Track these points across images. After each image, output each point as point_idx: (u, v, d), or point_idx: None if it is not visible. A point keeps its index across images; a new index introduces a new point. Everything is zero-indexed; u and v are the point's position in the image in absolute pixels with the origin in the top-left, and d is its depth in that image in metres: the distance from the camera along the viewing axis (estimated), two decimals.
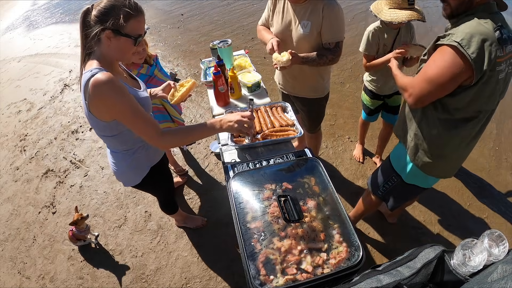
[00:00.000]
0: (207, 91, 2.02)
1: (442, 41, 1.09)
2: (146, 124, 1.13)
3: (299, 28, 1.58)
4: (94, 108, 1.10)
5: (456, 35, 1.03)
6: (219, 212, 2.32)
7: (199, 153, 2.84)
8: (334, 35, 1.59)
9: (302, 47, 1.62)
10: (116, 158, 1.38)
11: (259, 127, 1.47)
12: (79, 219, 2.03)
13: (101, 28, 1.05)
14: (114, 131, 1.21)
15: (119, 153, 1.36)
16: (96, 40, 1.08)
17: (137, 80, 1.38)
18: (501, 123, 3.18)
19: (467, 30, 1.03)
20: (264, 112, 1.57)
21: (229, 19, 5.40)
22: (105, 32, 1.06)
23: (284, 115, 1.55)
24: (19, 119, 3.72)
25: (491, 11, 1.08)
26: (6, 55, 5.51)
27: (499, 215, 2.27)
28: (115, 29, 1.06)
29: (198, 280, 1.95)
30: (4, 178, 2.93)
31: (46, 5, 7.76)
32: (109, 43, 1.09)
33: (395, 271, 0.68)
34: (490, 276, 0.54)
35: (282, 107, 1.62)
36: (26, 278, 2.10)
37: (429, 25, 4.99)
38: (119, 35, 1.07)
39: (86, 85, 1.06)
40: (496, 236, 0.62)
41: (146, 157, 1.42)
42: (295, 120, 1.51)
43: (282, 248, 0.89)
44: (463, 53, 1.01)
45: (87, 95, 1.07)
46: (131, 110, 1.10)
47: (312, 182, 1.08)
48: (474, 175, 2.59)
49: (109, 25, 1.05)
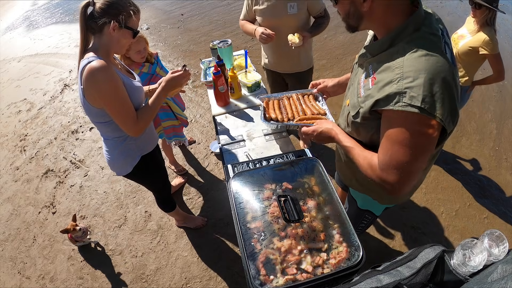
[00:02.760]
0: (207, 91, 2.02)
1: (390, 106, 0.76)
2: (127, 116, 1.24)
3: (287, 9, 1.78)
4: (88, 93, 1.17)
5: (410, 90, 0.72)
6: (219, 212, 2.32)
7: (199, 153, 2.84)
8: (320, 5, 1.87)
9: (292, 26, 1.84)
10: (109, 146, 1.44)
11: (291, 114, 1.43)
12: (71, 229, 2.01)
13: (107, 20, 1.13)
14: (106, 117, 1.27)
15: (110, 140, 1.42)
16: (97, 31, 1.17)
17: (132, 73, 1.45)
18: (501, 123, 3.18)
19: (420, 75, 0.72)
20: (296, 100, 1.52)
21: (229, 19, 5.40)
22: (111, 24, 1.14)
23: (316, 104, 1.51)
24: (19, 119, 3.72)
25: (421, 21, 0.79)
26: (6, 55, 5.50)
27: (499, 215, 2.27)
28: (122, 22, 1.15)
29: (198, 280, 1.95)
30: (4, 178, 2.93)
31: (46, 5, 7.76)
32: (112, 34, 1.17)
33: (395, 271, 0.68)
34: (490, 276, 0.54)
35: (314, 96, 1.57)
36: (26, 278, 2.10)
37: None
38: (124, 28, 1.18)
39: (82, 71, 1.13)
40: (496, 236, 0.62)
41: (136, 146, 1.47)
42: (327, 109, 1.46)
43: (282, 248, 0.89)
44: (430, 118, 0.73)
45: (82, 81, 1.14)
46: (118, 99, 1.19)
47: (312, 182, 1.08)
48: (474, 175, 2.59)
49: (118, 18, 1.14)
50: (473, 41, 2.01)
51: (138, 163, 1.50)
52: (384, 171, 0.84)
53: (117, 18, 1.14)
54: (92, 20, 1.14)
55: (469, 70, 2.14)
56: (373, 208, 1.31)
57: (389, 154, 0.82)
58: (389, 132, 0.81)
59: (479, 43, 1.96)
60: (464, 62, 2.13)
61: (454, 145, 2.88)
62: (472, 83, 2.20)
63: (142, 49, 1.76)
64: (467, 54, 2.06)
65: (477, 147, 2.88)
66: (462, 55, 2.10)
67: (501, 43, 1.98)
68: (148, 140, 1.54)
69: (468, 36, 2.07)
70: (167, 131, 2.19)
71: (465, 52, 2.07)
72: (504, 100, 3.53)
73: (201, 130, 3.11)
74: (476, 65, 2.12)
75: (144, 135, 1.48)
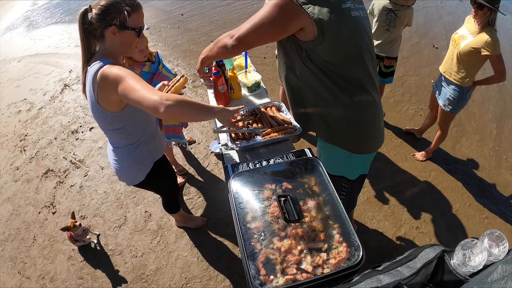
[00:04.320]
0: (207, 91, 2.02)
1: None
2: (149, 87, 1.03)
3: None
4: (103, 98, 1.12)
5: None
6: (219, 212, 2.32)
7: (199, 153, 2.84)
8: None
9: None
10: (119, 155, 1.38)
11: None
12: (71, 227, 2.01)
13: (105, 25, 1.11)
14: (121, 123, 1.23)
15: (122, 148, 1.36)
16: (100, 37, 1.15)
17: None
18: (501, 123, 3.18)
19: None
20: (260, 113, 1.56)
21: (229, 19, 5.41)
22: (109, 28, 1.12)
23: (280, 114, 1.56)
24: (19, 119, 3.72)
25: None
26: (6, 55, 5.50)
27: (499, 215, 2.27)
28: (120, 24, 1.12)
29: (198, 280, 1.95)
30: (4, 178, 2.93)
31: (46, 5, 7.76)
32: (114, 38, 1.14)
33: (395, 271, 0.68)
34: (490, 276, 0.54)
35: (276, 106, 1.62)
36: (26, 278, 2.10)
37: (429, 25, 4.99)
38: (124, 29, 1.14)
39: (94, 76, 1.08)
40: (496, 236, 0.62)
41: (148, 152, 1.42)
42: (291, 118, 1.52)
43: (282, 248, 0.89)
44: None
45: (95, 86, 1.09)
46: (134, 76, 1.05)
47: (312, 182, 1.08)
48: (474, 175, 2.59)
49: (114, 21, 1.11)
50: (475, 42, 2.01)
51: (150, 171, 1.45)
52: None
53: (114, 22, 1.11)
54: (91, 27, 1.13)
55: (471, 70, 2.14)
56: (346, 173, 1.40)
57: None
58: None
59: (481, 44, 1.96)
60: (465, 63, 2.13)
61: (454, 145, 2.88)
62: (473, 83, 2.20)
63: (144, 48, 1.77)
64: (469, 54, 2.06)
65: (477, 147, 2.88)
66: (464, 56, 2.10)
67: (501, 43, 1.98)
68: (159, 144, 1.51)
69: (469, 37, 2.07)
70: (168, 130, 2.19)
71: (467, 53, 2.07)
72: (504, 100, 3.53)
73: (201, 130, 3.11)
74: (477, 65, 2.12)
75: (155, 139, 1.46)
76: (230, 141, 1.42)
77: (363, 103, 1.19)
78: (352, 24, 1.06)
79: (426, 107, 3.22)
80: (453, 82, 2.22)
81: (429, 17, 5.40)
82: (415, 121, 3.15)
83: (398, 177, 2.55)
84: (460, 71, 2.17)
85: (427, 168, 2.63)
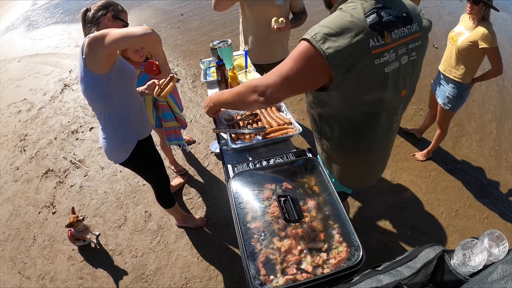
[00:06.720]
0: (207, 91, 2.02)
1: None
2: (132, 28, 1.22)
3: (275, 1, 2.01)
4: (91, 58, 1.21)
5: (312, 29, 0.89)
6: (219, 212, 2.32)
7: (199, 153, 2.84)
8: (301, 3, 2.15)
9: (276, 15, 2.03)
10: (106, 133, 1.51)
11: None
12: (74, 222, 2.03)
13: (103, 13, 1.42)
14: (107, 86, 1.32)
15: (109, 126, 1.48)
16: (96, 22, 1.43)
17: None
18: (501, 123, 3.18)
19: (324, 22, 0.88)
20: (260, 113, 1.58)
21: (229, 19, 5.41)
22: (106, 16, 1.43)
23: (280, 114, 1.56)
24: (19, 119, 3.72)
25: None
26: (6, 55, 5.50)
27: (499, 215, 2.27)
28: (114, 14, 1.46)
29: (198, 280, 1.95)
30: (4, 178, 2.93)
31: (46, 5, 7.76)
32: (107, 24, 1.44)
33: (395, 271, 0.68)
34: (490, 276, 0.54)
35: (276, 107, 1.63)
36: (26, 278, 2.10)
37: None
38: (116, 19, 1.47)
39: (84, 42, 1.20)
40: (496, 236, 0.62)
41: (133, 129, 1.55)
42: (291, 118, 1.52)
43: (282, 248, 0.89)
44: (316, 47, 0.85)
45: (84, 49, 1.20)
46: (119, 29, 1.20)
47: (312, 182, 1.08)
48: (474, 175, 2.59)
49: (110, 10, 1.44)
50: (472, 36, 2.03)
51: (134, 149, 1.56)
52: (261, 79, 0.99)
53: (109, 11, 1.43)
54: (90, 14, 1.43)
55: (470, 66, 2.15)
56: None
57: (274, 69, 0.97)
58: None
59: (478, 37, 1.98)
60: (464, 59, 2.14)
61: (454, 145, 2.88)
62: (472, 81, 2.21)
63: (139, 48, 1.76)
64: (467, 50, 2.08)
65: (477, 147, 2.88)
66: (463, 51, 2.11)
67: (501, 43, 1.99)
68: (144, 125, 1.63)
69: (466, 32, 2.09)
70: (169, 132, 2.19)
71: (465, 48, 2.08)
72: (504, 100, 3.53)
73: (201, 130, 3.11)
74: (476, 61, 2.13)
75: (140, 119, 1.59)
76: (230, 141, 1.42)
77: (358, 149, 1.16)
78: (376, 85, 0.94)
79: (426, 107, 3.22)
80: (452, 79, 2.23)
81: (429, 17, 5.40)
82: (415, 121, 3.15)
83: (398, 177, 2.55)
84: (459, 68, 2.18)
85: (427, 168, 2.63)
